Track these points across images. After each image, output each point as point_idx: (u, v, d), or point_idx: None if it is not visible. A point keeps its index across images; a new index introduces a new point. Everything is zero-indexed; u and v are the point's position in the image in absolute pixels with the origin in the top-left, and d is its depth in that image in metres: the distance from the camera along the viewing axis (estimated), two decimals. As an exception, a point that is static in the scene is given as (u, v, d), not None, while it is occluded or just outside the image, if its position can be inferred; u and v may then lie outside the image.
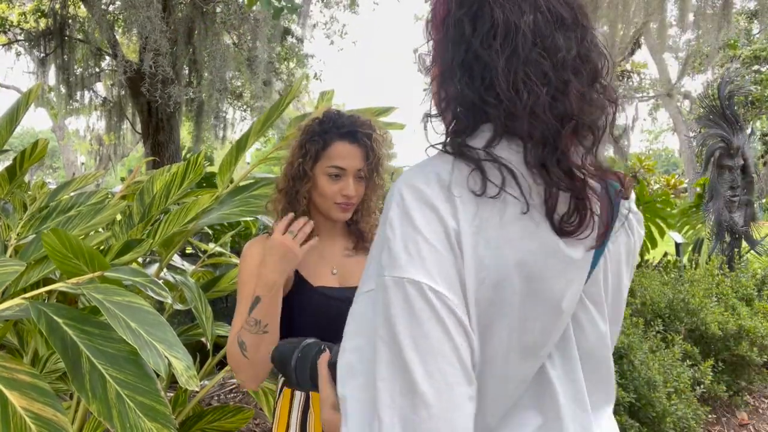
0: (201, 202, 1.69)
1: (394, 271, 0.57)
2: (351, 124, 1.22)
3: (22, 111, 1.82)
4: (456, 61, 0.64)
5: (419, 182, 0.61)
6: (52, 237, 1.09)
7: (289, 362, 0.84)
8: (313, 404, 1.23)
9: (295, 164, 1.21)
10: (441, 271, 0.56)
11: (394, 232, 0.59)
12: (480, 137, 0.63)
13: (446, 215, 0.58)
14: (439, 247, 0.57)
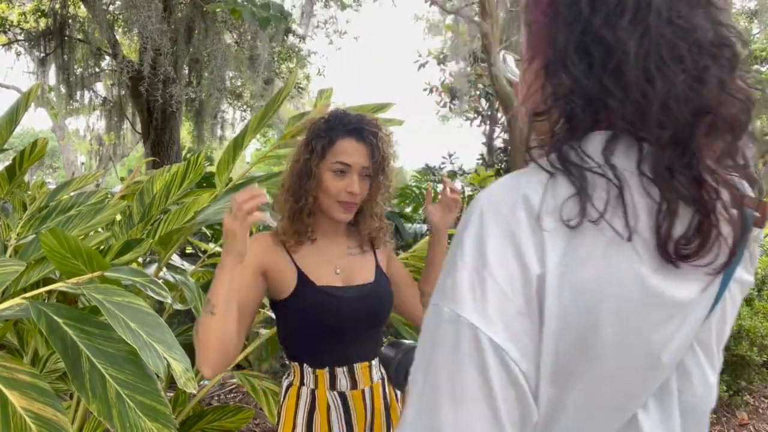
0: (200, 202, 1.69)
1: (453, 303, 0.51)
2: (357, 122, 1.22)
3: (22, 111, 1.82)
4: (571, 46, 0.54)
5: (504, 205, 0.52)
6: (50, 237, 1.09)
7: (392, 364, 0.88)
8: (319, 406, 1.23)
9: (301, 161, 1.21)
10: (506, 319, 0.49)
11: (463, 259, 0.52)
12: (594, 141, 0.53)
13: (529, 256, 0.50)
14: (510, 292, 0.49)
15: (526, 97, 0.60)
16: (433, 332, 0.52)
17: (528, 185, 0.53)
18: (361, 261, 1.31)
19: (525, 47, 0.62)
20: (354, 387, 1.24)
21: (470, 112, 9.90)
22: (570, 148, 0.53)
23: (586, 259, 0.50)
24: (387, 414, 1.29)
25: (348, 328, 1.22)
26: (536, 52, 0.59)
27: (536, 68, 0.58)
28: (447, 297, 0.52)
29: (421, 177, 8.29)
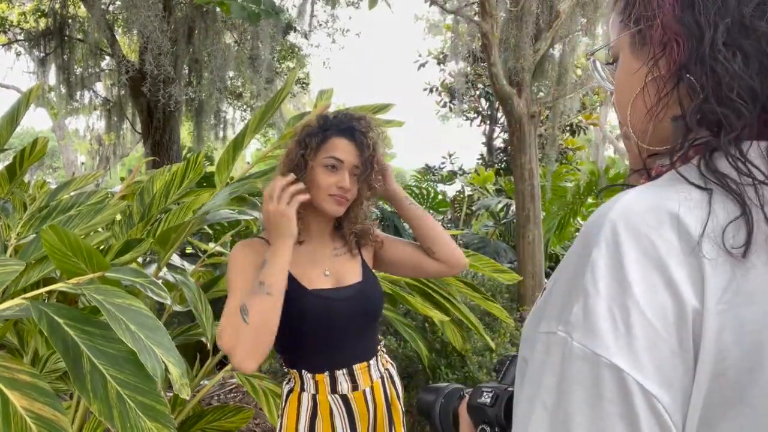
0: (200, 201, 1.69)
1: (587, 339, 0.43)
2: (349, 121, 1.25)
3: (23, 111, 1.82)
4: (719, 39, 0.47)
5: (647, 225, 0.44)
6: (51, 234, 1.09)
7: (434, 409, 0.85)
8: (321, 411, 1.23)
9: (295, 157, 1.23)
10: (656, 360, 0.41)
11: (596, 285, 0.44)
12: (755, 149, 0.46)
13: (684, 288, 0.42)
14: (660, 328, 0.42)
15: (655, 103, 0.51)
16: (559, 371, 0.44)
17: (678, 202, 0.45)
18: (349, 261, 1.32)
19: (633, 48, 0.55)
20: (355, 389, 1.25)
21: (470, 112, 9.89)
22: (731, 157, 0.45)
23: (754, 293, 0.43)
24: (389, 411, 1.29)
25: (342, 329, 1.22)
26: (661, 51, 0.51)
27: (665, 68, 0.51)
28: (577, 329, 0.44)
29: (421, 177, 8.29)
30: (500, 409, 0.70)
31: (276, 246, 1.15)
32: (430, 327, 2.63)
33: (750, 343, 0.43)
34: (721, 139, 0.46)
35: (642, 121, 0.54)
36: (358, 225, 1.32)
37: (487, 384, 0.74)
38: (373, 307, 1.29)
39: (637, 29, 0.53)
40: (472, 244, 5.24)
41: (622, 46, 0.56)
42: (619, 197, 0.47)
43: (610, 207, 0.47)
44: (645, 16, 0.52)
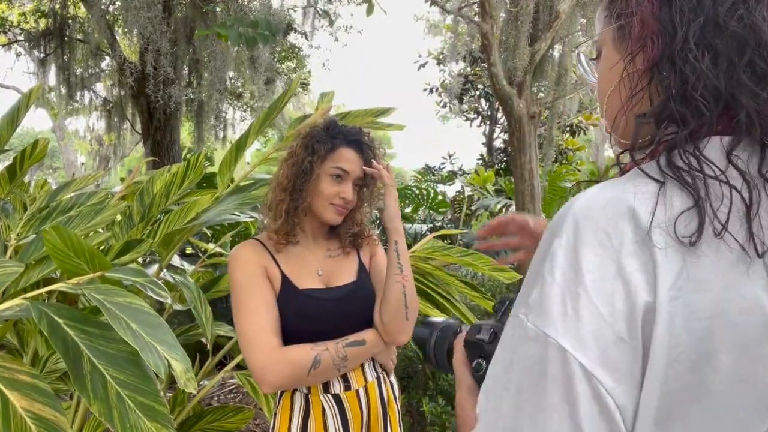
0: (201, 202, 1.69)
1: (539, 320, 0.46)
2: (357, 134, 1.27)
3: (23, 111, 1.82)
4: (691, 38, 0.48)
5: (604, 216, 0.46)
6: (53, 234, 1.09)
7: (429, 342, 0.86)
8: (313, 410, 1.23)
9: (303, 163, 1.23)
10: (602, 345, 0.44)
11: (552, 272, 0.47)
12: (714, 144, 0.48)
13: (635, 276, 0.44)
14: (608, 315, 0.44)
15: (629, 98, 0.53)
16: (514, 348, 0.48)
17: (634, 195, 0.47)
18: (343, 262, 1.32)
19: (615, 43, 0.56)
20: (348, 388, 1.25)
21: (470, 113, 9.90)
22: (685, 152, 0.47)
23: (704, 281, 0.44)
24: (384, 412, 1.29)
25: (334, 329, 1.23)
26: (640, 47, 0.52)
27: (641, 64, 0.52)
28: (532, 311, 0.47)
29: (421, 177, 8.29)
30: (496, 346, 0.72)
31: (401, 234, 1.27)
32: (430, 327, 2.63)
33: (702, 329, 0.44)
34: (678, 136, 0.48)
35: (615, 115, 0.56)
36: (354, 229, 1.32)
37: (486, 322, 0.75)
38: (364, 308, 1.28)
39: (618, 24, 0.55)
40: (472, 244, 5.24)
41: (606, 40, 0.58)
42: (585, 192, 0.50)
43: (574, 201, 0.49)
44: (626, 12, 0.54)
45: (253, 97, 9.19)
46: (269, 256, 1.24)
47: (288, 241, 1.26)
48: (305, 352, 1.15)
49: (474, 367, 0.72)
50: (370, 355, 1.26)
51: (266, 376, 1.11)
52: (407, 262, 1.25)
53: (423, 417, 2.37)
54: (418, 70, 9.90)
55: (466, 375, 0.71)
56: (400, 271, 1.23)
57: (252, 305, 1.17)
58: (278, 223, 1.24)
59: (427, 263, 1.92)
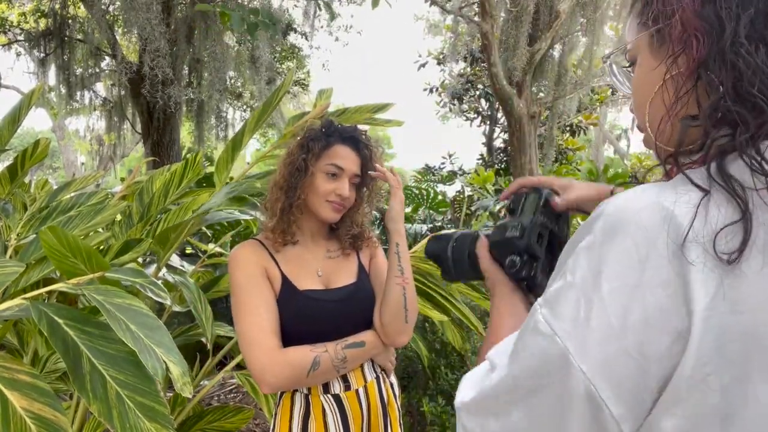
0: (199, 201, 1.69)
1: (552, 318, 0.46)
2: (353, 131, 1.27)
3: (24, 112, 1.82)
4: (741, 32, 0.45)
5: (634, 224, 0.44)
6: (50, 235, 1.09)
7: (445, 252, 0.85)
8: (314, 410, 1.23)
9: (297, 160, 1.24)
10: (605, 356, 0.43)
11: (574, 273, 0.46)
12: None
13: (658, 292, 0.42)
14: (618, 327, 0.43)
15: (674, 101, 0.50)
16: (522, 334, 0.49)
17: (674, 203, 0.44)
18: (343, 263, 1.32)
19: (652, 47, 0.53)
20: (347, 388, 1.25)
21: (470, 112, 9.90)
22: (742, 156, 0.44)
23: (742, 302, 0.42)
24: (384, 412, 1.29)
25: (333, 330, 1.22)
26: (682, 48, 0.49)
27: (684, 65, 0.49)
28: (548, 304, 0.47)
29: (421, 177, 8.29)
30: (530, 238, 0.72)
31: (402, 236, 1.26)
32: (430, 327, 2.64)
33: (735, 351, 0.42)
34: (736, 138, 0.44)
35: (660, 120, 0.53)
36: (354, 230, 1.32)
37: (510, 220, 0.76)
38: (363, 310, 1.28)
39: (656, 28, 0.52)
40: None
41: (641, 47, 0.55)
42: (624, 193, 0.47)
43: (610, 201, 0.47)
44: (664, 13, 0.51)
45: (253, 97, 9.19)
46: (269, 257, 1.24)
47: (285, 241, 1.25)
48: (304, 354, 1.15)
49: (508, 265, 0.73)
50: (369, 356, 1.26)
51: (266, 377, 1.12)
52: (408, 265, 1.25)
53: (423, 417, 2.37)
54: (418, 70, 9.90)
55: (500, 275, 0.72)
56: (401, 273, 1.23)
57: (252, 305, 1.17)
58: (274, 222, 1.24)
59: (428, 263, 1.92)
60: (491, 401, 0.50)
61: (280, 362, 1.12)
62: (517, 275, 0.73)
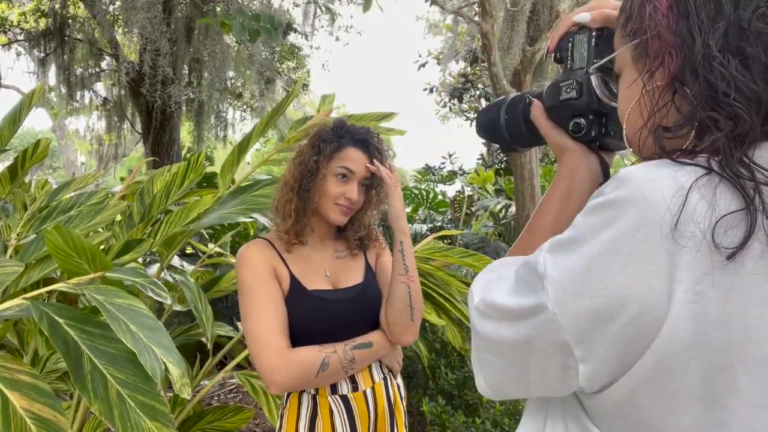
0: (203, 203, 1.69)
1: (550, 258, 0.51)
2: (365, 134, 1.26)
3: (25, 112, 1.82)
4: (714, 46, 0.47)
5: (649, 191, 0.45)
6: (54, 234, 1.09)
7: (498, 122, 0.77)
8: (321, 411, 1.23)
9: (309, 162, 1.23)
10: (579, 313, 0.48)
11: (580, 226, 0.50)
12: (762, 150, 0.46)
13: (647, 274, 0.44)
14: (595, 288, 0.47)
15: (650, 114, 0.52)
16: (529, 261, 0.54)
17: (689, 182, 0.45)
18: (351, 263, 1.32)
19: (632, 62, 0.55)
20: (355, 389, 1.25)
21: (470, 112, 9.90)
22: (732, 158, 0.45)
23: (733, 291, 0.43)
24: (391, 413, 1.29)
25: (341, 330, 1.22)
26: (659, 63, 0.51)
27: (661, 79, 0.51)
28: (553, 247, 0.52)
29: (421, 177, 8.30)
30: (590, 96, 0.65)
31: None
32: (430, 327, 2.64)
33: (720, 341, 0.43)
34: (728, 143, 0.46)
35: (637, 133, 0.55)
36: (361, 232, 1.32)
37: (561, 77, 0.67)
38: (371, 310, 1.28)
39: (635, 42, 0.54)
40: (472, 244, 5.24)
41: (625, 61, 0.57)
42: (644, 163, 0.49)
43: (628, 168, 0.49)
44: (641, 28, 0.53)
45: (253, 96, 9.19)
46: (277, 256, 1.24)
47: (293, 243, 1.25)
48: (314, 355, 1.15)
49: (573, 129, 0.67)
50: (377, 356, 1.26)
51: (274, 378, 1.11)
52: (412, 263, 1.24)
53: (423, 417, 2.37)
54: (418, 70, 9.90)
55: (568, 139, 0.68)
56: (405, 271, 1.23)
57: (260, 305, 1.16)
58: (289, 223, 1.24)
59: (428, 264, 1.92)
60: (494, 311, 0.57)
61: (289, 363, 1.12)
62: (585, 137, 0.66)
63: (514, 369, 0.55)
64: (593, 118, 0.66)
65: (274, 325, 1.15)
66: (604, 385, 0.48)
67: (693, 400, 0.44)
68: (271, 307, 1.17)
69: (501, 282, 0.58)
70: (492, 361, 0.57)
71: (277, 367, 1.12)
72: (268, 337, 1.14)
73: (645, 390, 0.46)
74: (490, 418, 2.24)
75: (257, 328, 1.15)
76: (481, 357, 0.59)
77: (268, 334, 1.14)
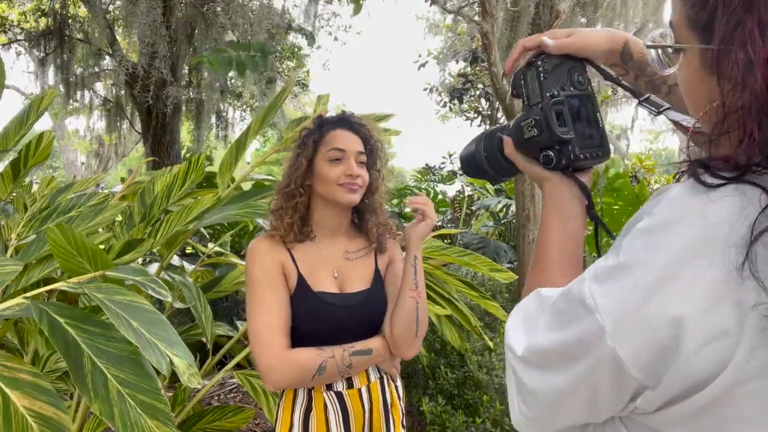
0: (203, 203, 1.69)
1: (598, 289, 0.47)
2: (343, 115, 1.30)
3: (34, 115, 1.81)
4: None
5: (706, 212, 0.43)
6: (56, 233, 1.10)
7: (479, 155, 0.81)
8: (316, 405, 1.23)
9: (296, 162, 1.25)
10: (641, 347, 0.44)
11: (628, 252, 0.46)
12: None
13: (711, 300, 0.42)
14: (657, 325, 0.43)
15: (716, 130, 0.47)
16: (572, 294, 0.50)
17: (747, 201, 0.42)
18: (360, 266, 1.30)
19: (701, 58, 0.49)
20: (350, 386, 1.25)
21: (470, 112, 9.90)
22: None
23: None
24: (386, 412, 1.29)
25: (340, 334, 1.22)
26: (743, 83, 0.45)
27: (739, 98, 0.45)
28: (598, 278, 0.48)
29: (421, 177, 8.29)
30: (550, 129, 0.67)
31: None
32: (430, 327, 2.64)
33: None
34: None
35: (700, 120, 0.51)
36: (380, 217, 1.31)
37: (521, 116, 0.70)
38: (376, 317, 1.28)
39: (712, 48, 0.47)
40: (472, 244, 5.24)
41: (690, 41, 0.51)
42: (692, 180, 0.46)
43: (677, 185, 0.47)
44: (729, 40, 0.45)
45: (253, 96, 9.19)
46: (287, 252, 1.24)
47: (299, 239, 1.25)
48: (312, 358, 1.16)
49: (543, 161, 0.69)
50: (374, 363, 1.27)
51: (272, 376, 1.14)
52: (422, 279, 1.25)
53: (423, 417, 2.37)
54: (418, 70, 9.89)
55: (539, 169, 0.70)
56: (416, 287, 1.23)
57: (266, 304, 1.18)
58: (286, 222, 1.24)
59: (427, 263, 1.92)
60: (534, 359, 0.53)
61: (287, 363, 1.14)
62: (557, 167, 0.69)
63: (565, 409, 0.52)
64: (560, 149, 0.68)
65: (277, 324, 1.16)
66: (662, 406, 0.46)
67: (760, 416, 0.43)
68: (276, 305, 1.18)
69: (538, 322, 0.54)
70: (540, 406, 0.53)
71: (275, 366, 1.13)
72: (270, 336, 1.15)
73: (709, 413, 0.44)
74: (490, 418, 2.24)
75: (260, 326, 1.16)
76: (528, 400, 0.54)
77: (270, 333, 1.15)
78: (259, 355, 1.15)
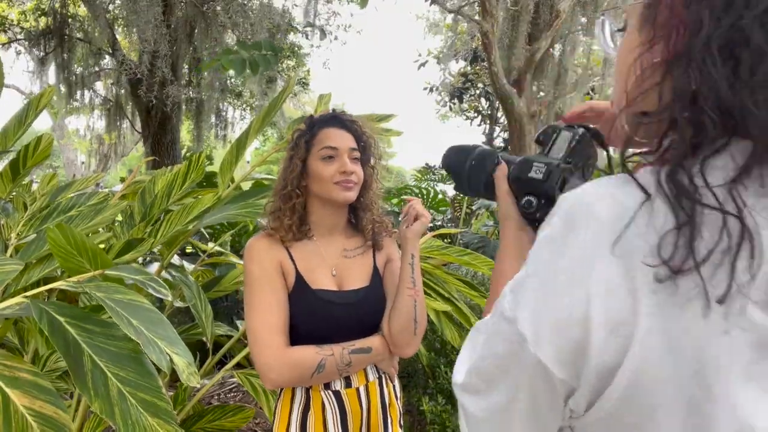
0: (203, 202, 1.69)
1: (513, 300, 0.50)
2: (332, 113, 1.30)
3: (32, 114, 1.82)
4: (714, 41, 0.43)
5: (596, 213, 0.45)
6: (56, 232, 1.10)
7: (463, 168, 0.82)
8: (313, 405, 1.23)
9: (290, 164, 1.25)
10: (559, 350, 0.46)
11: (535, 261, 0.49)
12: (719, 166, 0.43)
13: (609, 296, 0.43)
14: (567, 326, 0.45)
15: (635, 89, 0.48)
16: (496, 311, 0.52)
17: (630, 198, 0.44)
18: (358, 263, 1.31)
19: (640, 22, 0.50)
20: (348, 386, 1.25)
21: (470, 112, 9.91)
22: (684, 170, 0.43)
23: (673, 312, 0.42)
24: (384, 412, 1.29)
25: (341, 332, 1.22)
26: (661, 35, 0.47)
27: (657, 55, 0.47)
28: (513, 290, 0.50)
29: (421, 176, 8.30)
30: (553, 183, 0.69)
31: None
32: (429, 326, 2.64)
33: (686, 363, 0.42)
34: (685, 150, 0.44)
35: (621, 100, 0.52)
36: (375, 214, 1.31)
37: (536, 157, 0.72)
38: (374, 315, 1.28)
39: (647, 2, 0.49)
40: (472, 243, 5.24)
41: (634, 13, 0.52)
42: (584, 185, 0.49)
43: (570, 193, 0.49)
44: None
45: (253, 95, 9.20)
46: (285, 251, 1.24)
47: (296, 238, 1.25)
48: (311, 356, 1.16)
49: (524, 205, 0.72)
50: (373, 361, 1.27)
51: (270, 375, 1.14)
52: (419, 277, 1.25)
53: (423, 416, 2.37)
54: (419, 70, 9.90)
55: (513, 209, 0.72)
56: (413, 285, 1.23)
57: (265, 303, 1.18)
58: (284, 223, 1.24)
59: (427, 262, 1.92)
60: (475, 381, 0.54)
61: (286, 362, 1.14)
62: (530, 216, 0.72)
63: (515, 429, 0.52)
64: (544, 202, 0.71)
65: (275, 323, 1.16)
66: (588, 407, 0.47)
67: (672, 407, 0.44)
68: (275, 305, 1.18)
69: (477, 345, 0.55)
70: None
71: (274, 365, 1.13)
72: (269, 335, 1.15)
73: (625, 405, 0.45)
74: (489, 417, 2.24)
75: (259, 326, 1.16)
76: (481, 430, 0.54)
77: (269, 333, 1.15)
78: (257, 355, 1.15)
